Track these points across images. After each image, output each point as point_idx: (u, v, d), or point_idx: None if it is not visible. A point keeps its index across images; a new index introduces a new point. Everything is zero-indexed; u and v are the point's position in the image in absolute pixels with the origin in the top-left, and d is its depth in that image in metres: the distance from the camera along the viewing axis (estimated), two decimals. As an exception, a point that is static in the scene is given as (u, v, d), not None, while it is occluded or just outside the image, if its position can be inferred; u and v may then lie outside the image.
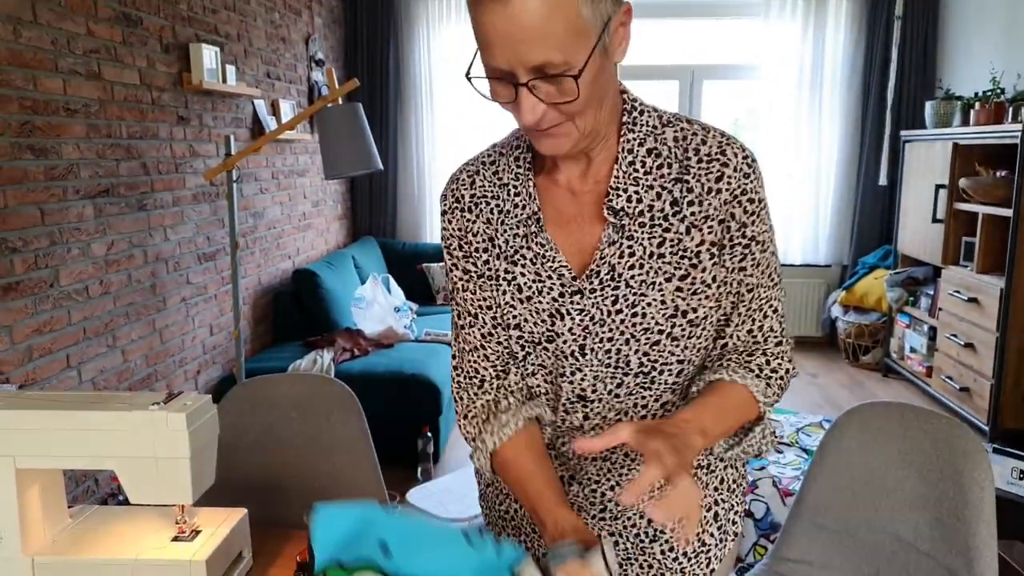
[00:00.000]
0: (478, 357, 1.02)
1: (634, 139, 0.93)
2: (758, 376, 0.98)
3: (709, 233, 0.92)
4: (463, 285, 1.02)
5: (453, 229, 1.01)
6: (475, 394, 1.02)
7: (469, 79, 0.84)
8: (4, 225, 2.18)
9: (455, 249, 1.01)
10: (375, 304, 4.09)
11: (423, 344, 3.92)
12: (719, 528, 1.09)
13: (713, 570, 1.09)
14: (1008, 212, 3.42)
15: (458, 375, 1.04)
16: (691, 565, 1.07)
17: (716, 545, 1.09)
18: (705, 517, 1.07)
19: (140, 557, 0.98)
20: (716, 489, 1.08)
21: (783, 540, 1.69)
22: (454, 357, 1.05)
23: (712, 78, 5.45)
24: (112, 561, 0.98)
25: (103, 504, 2.44)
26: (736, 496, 1.11)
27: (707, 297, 0.94)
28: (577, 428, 1.01)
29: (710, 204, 0.92)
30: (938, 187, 4.08)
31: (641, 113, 0.95)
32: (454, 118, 5.31)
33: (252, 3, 3.77)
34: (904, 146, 4.62)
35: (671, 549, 1.05)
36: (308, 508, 0.88)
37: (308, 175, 4.55)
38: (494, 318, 1.00)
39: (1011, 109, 3.68)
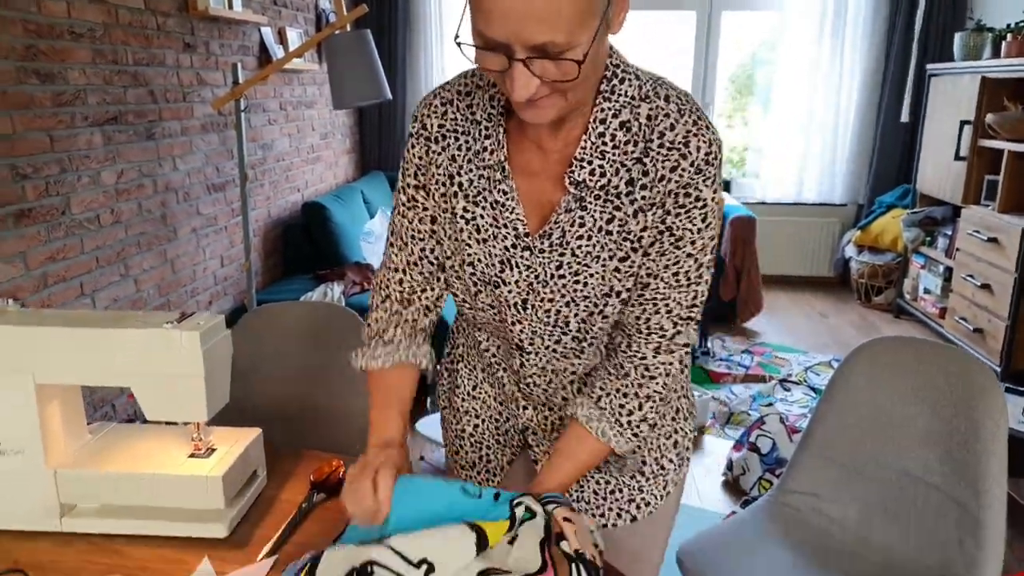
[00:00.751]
0: (394, 280, 1.05)
1: (609, 109, 0.89)
2: (617, 422, 0.99)
3: (653, 218, 0.90)
4: (403, 211, 1.03)
5: (413, 156, 1.00)
6: (377, 305, 1.07)
7: (459, 44, 0.79)
8: (13, 151, 2.16)
9: (410, 175, 1.01)
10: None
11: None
12: (677, 455, 1.14)
13: (668, 492, 1.15)
14: (1033, 150, 3.34)
15: (375, 284, 1.09)
16: (648, 484, 1.12)
17: (674, 470, 1.14)
18: (665, 444, 1.12)
19: (159, 472, 0.99)
20: (673, 419, 1.13)
21: (789, 473, 1.71)
22: (379, 268, 1.09)
23: (731, 8, 5.27)
24: (132, 475, 0.99)
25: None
26: (689, 424, 1.17)
27: (639, 276, 0.94)
28: (516, 370, 1.06)
29: (659, 192, 0.89)
30: (963, 123, 3.97)
31: (621, 81, 0.90)
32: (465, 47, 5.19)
33: (258, -75, 3.64)
34: (929, 80, 4.48)
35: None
36: (319, 436, 0.89)
37: (316, 107, 4.48)
38: (423, 250, 1.03)
39: (1043, 42, 3.56)
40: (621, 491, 1.11)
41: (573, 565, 0.81)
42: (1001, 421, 1.42)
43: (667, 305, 0.94)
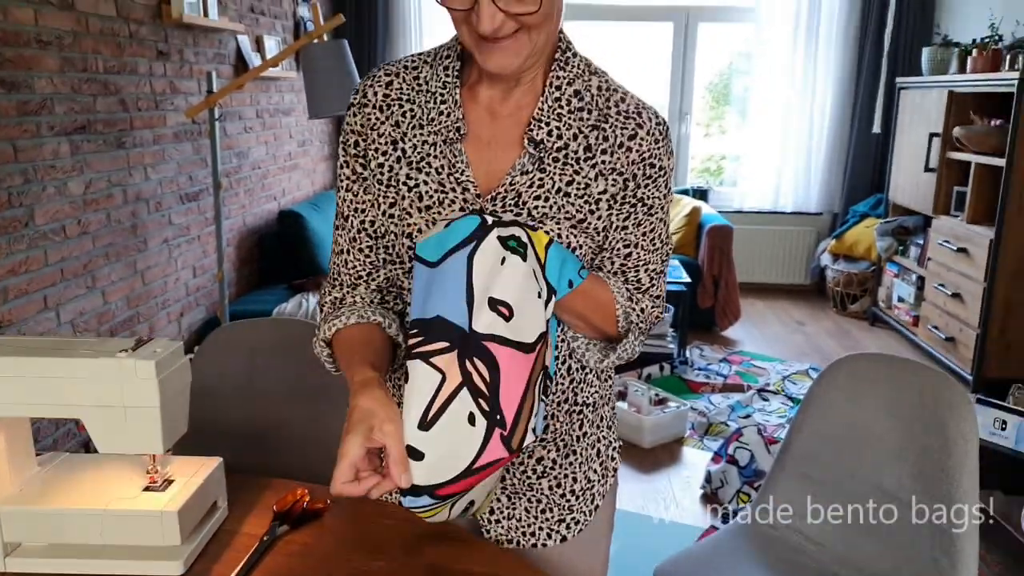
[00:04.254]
0: (340, 262, 1.02)
1: (563, 77, 0.93)
2: (627, 292, 1.00)
3: (612, 185, 0.94)
4: (347, 184, 1.00)
5: (356, 125, 0.98)
6: (327, 291, 1.04)
7: None
8: (-26, 162, 2.11)
9: (350, 146, 0.98)
10: (362, 248, 4.04)
11: (411, 288, 3.88)
12: (601, 464, 1.12)
13: (597, 506, 1.12)
14: (1001, 162, 3.38)
15: (328, 275, 1.06)
16: (578, 502, 1.09)
17: (599, 481, 1.12)
18: (588, 454, 1.09)
19: (110, 507, 0.96)
20: (597, 427, 1.10)
21: (767, 488, 1.70)
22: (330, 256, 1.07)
23: (707, 20, 5.31)
24: (81, 512, 0.96)
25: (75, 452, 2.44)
26: (612, 432, 1.14)
27: (593, 242, 0.96)
28: None
29: (618, 159, 0.93)
30: (932, 135, 4.02)
31: (574, 55, 0.95)
32: None
33: (232, -69, 3.60)
34: (899, 93, 4.54)
35: (559, 485, 1.07)
36: (287, 460, 0.85)
37: (294, 114, 4.44)
38: (362, 223, 0.99)
39: (1008, 57, 3.60)
40: (551, 510, 1.08)
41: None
42: (972, 439, 1.43)
43: (647, 267, 1.00)
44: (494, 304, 0.81)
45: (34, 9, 2.32)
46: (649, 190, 0.95)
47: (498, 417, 0.81)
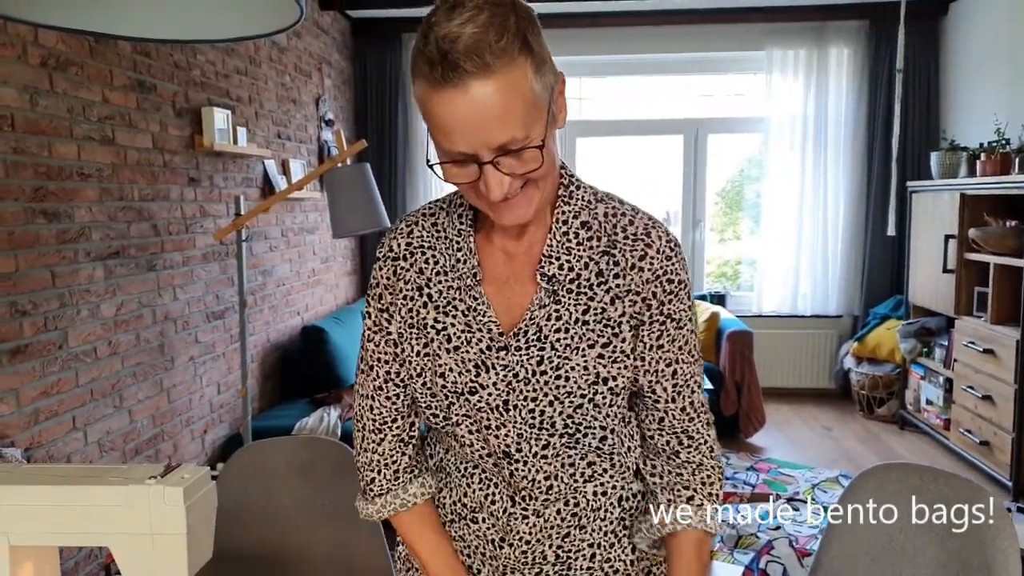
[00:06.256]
0: (365, 407, 1.08)
1: (569, 211, 0.98)
2: (700, 504, 1.05)
3: (630, 306, 0.97)
4: (369, 335, 1.06)
5: (381, 278, 1.04)
6: (358, 445, 1.09)
7: (431, 166, 0.89)
8: (15, 289, 2.20)
9: (374, 299, 1.05)
10: (383, 360, 4.07)
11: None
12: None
13: None
14: (1020, 262, 3.39)
15: (355, 414, 1.10)
16: None
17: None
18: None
19: (132, 639, 0.95)
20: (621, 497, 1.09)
21: (801, 608, 1.63)
22: (355, 397, 1.12)
23: (716, 132, 5.51)
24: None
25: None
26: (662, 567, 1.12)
27: (625, 367, 0.98)
28: (508, 484, 1.02)
29: (632, 280, 0.97)
30: (947, 237, 4.06)
31: (577, 188, 1.00)
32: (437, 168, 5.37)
33: (263, 67, 3.86)
34: (911, 196, 4.62)
35: None
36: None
37: (318, 232, 4.60)
38: (387, 373, 1.05)
39: (1017, 160, 3.68)
40: None
41: None
42: (1012, 556, 1.37)
43: (696, 381, 1.03)
44: None
45: (77, 144, 2.47)
46: (673, 305, 0.98)
47: None
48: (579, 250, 0.97)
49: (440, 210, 1.04)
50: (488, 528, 1.05)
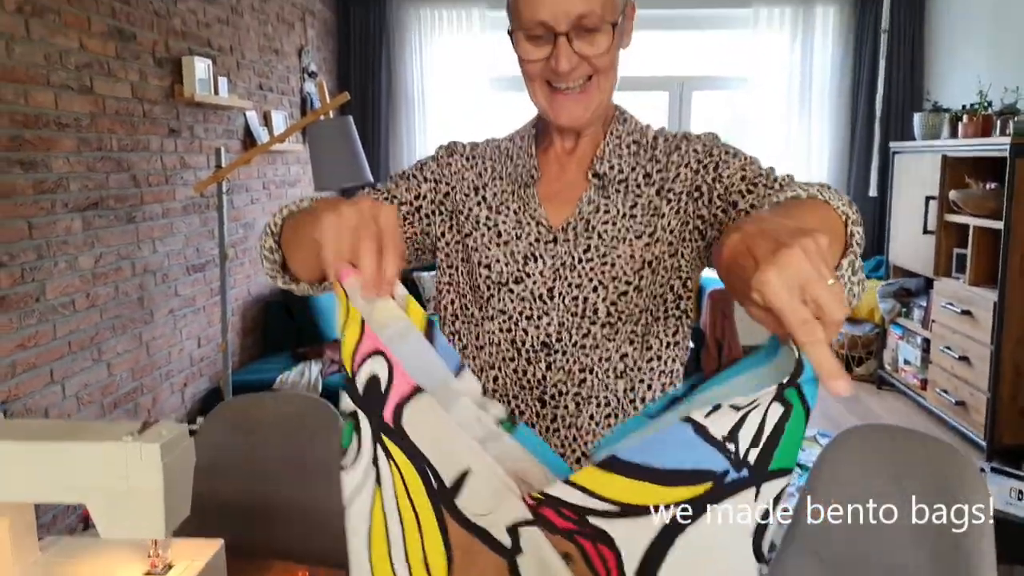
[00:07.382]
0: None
1: (622, 130, 1.05)
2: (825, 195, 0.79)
3: (676, 196, 1.01)
4: (397, 180, 1.09)
5: (435, 165, 1.09)
6: None
7: (510, 33, 0.96)
8: (-11, 240, 2.16)
9: (413, 168, 1.10)
10: (367, 316, 4.06)
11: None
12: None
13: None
14: (999, 224, 3.41)
15: None
16: None
17: None
18: None
19: (111, 594, 0.95)
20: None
21: (776, 567, 1.66)
22: None
23: (701, 89, 5.46)
24: (82, 598, 0.95)
25: (75, 530, 2.42)
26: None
27: (669, 244, 1.00)
28: (539, 382, 1.00)
29: (676, 175, 1.01)
30: (928, 198, 4.07)
31: (632, 117, 1.09)
32: (446, 130, 5.29)
33: (245, 16, 3.75)
34: (893, 157, 4.62)
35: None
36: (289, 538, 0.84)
37: (300, 185, 4.54)
38: (396, 203, 1.07)
39: (999, 122, 3.68)
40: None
41: None
42: (985, 514, 1.40)
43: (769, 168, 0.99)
44: None
45: (54, 93, 2.40)
46: (735, 157, 0.99)
47: None
48: (629, 158, 1.03)
49: (504, 140, 1.12)
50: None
